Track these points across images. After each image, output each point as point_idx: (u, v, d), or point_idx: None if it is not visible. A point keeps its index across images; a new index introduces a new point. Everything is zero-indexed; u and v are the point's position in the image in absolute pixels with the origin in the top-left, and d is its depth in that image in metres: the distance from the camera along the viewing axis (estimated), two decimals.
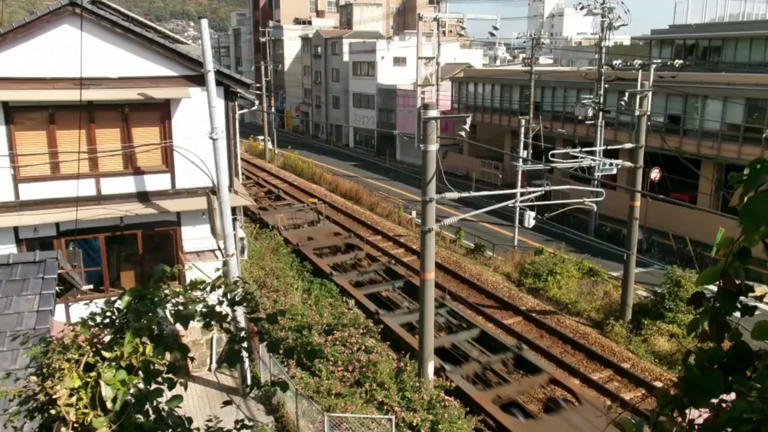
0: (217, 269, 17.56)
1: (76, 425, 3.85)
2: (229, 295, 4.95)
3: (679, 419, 2.94)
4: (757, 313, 2.82)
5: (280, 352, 5.40)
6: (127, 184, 18.09)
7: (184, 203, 18.49)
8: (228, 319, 4.88)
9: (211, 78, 16.44)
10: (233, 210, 18.39)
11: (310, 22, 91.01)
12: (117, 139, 17.79)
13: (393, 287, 28.12)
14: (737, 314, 2.83)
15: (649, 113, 25.88)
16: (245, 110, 30.61)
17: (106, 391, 3.92)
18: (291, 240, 33.49)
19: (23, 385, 4.19)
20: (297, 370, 18.55)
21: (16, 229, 16.91)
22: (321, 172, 54.16)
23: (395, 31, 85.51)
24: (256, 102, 27.38)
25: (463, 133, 18.90)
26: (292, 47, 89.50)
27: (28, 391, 4.11)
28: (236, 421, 5.26)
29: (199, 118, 17.78)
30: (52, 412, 3.86)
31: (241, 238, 20.58)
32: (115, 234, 18.18)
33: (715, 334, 2.88)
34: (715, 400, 2.76)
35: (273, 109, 74.49)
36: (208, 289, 4.81)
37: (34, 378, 4.05)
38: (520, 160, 34.58)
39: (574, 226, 40.13)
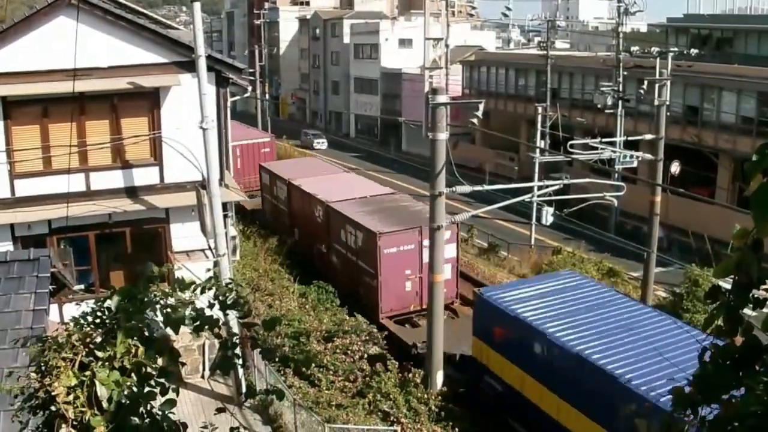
0: (208, 270, 17.75)
1: (75, 423, 4.08)
2: (220, 298, 5.07)
3: (692, 417, 3.11)
4: None
5: (276, 360, 5.55)
6: (115, 179, 18.46)
7: (172, 198, 18.69)
8: (219, 324, 5.03)
9: (202, 63, 16.62)
10: (224, 206, 18.54)
11: (308, 3, 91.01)
12: (106, 131, 18.21)
13: None
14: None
15: (668, 103, 26.05)
16: (237, 97, 30.71)
17: (101, 391, 4.14)
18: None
19: (25, 382, 4.44)
20: (295, 380, 18.73)
21: (12, 226, 17.56)
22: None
23: (400, 11, 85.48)
24: (249, 88, 27.50)
25: (475, 121, 19.01)
26: (288, 29, 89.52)
27: (29, 389, 4.35)
28: (231, 428, 5.42)
29: (189, 107, 17.97)
30: (53, 409, 4.11)
31: (233, 237, 20.70)
32: (103, 232, 18.58)
33: (729, 328, 3.05)
34: (725, 396, 2.93)
35: (267, 96, 74.59)
36: (198, 291, 4.95)
37: (34, 375, 4.29)
38: (538, 150, 34.65)
39: (594, 223, 40.21)
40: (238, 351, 5.30)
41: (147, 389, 4.60)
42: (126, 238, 18.92)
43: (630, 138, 32.19)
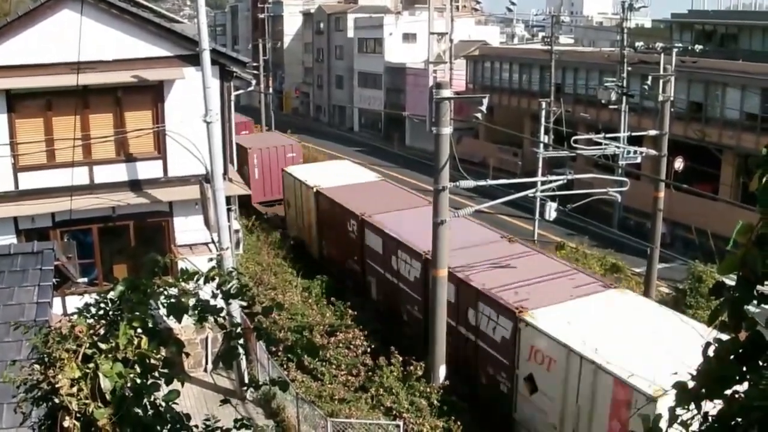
0: (210, 259, 17.76)
1: (78, 415, 4.09)
2: (223, 288, 5.07)
3: (696, 411, 3.12)
4: None
5: (279, 350, 5.54)
6: (119, 172, 18.54)
7: (176, 192, 18.73)
8: (222, 313, 5.03)
9: (206, 57, 16.63)
10: (228, 199, 18.57)
11: None
12: (110, 125, 18.31)
13: None
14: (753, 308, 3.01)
15: (672, 99, 26.01)
16: (241, 91, 30.71)
17: (105, 383, 4.15)
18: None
19: (28, 373, 4.45)
20: (297, 374, 18.73)
21: (15, 219, 17.69)
22: (323, 158, 54.19)
23: (404, 6, 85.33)
24: (253, 82, 27.51)
25: (479, 115, 18.98)
26: (292, 23, 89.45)
27: (32, 380, 4.37)
28: (235, 420, 5.45)
29: (193, 101, 17.99)
30: (56, 401, 4.13)
31: (236, 231, 20.72)
32: (107, 225, 18.67)
33: (733, 324, 3.05)
34: (729, 392, 2.93)
35: (271, 90, 74.52)
36: (201, 280, 4.95)
37: (37, 366, 4.31)
38: (541, 145, 34.58)
39: (597, 219, 40.14)
40: (241, 341, 5.30)
41: (150, 381, 4.61)
42: (129, 232, 18.98)
43: (634, 134, 32.15)
